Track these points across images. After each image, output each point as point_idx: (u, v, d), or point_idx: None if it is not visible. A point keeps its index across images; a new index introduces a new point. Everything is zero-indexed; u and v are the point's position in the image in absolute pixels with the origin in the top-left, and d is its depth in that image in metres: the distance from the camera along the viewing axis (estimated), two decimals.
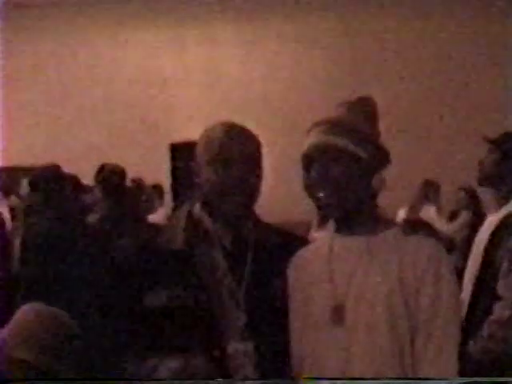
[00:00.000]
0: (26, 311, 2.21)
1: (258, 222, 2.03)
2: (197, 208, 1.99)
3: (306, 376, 1.80)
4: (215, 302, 1.85)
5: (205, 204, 1.96)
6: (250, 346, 1.83)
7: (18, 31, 9.62)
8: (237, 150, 1.89)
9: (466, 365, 1.73)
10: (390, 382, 1.68)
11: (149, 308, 1.85)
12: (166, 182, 9.12)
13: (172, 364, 1.78)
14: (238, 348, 1.82)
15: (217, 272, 1.89)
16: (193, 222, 1.96)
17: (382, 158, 1.82)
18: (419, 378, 1.68)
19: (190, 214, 1.99)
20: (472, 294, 3.06)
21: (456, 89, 9.07)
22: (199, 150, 1.95)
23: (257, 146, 1.96)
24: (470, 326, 2.88)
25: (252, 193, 1.93)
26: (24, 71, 9.73)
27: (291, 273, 1.90)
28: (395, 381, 1.68)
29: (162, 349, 1.83)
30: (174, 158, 9.64)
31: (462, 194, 6.79)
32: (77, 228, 4.03)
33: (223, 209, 1.89)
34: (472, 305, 3.03)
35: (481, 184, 3.32)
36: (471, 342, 2.86)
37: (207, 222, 1.94)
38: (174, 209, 7.52)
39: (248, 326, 1.85)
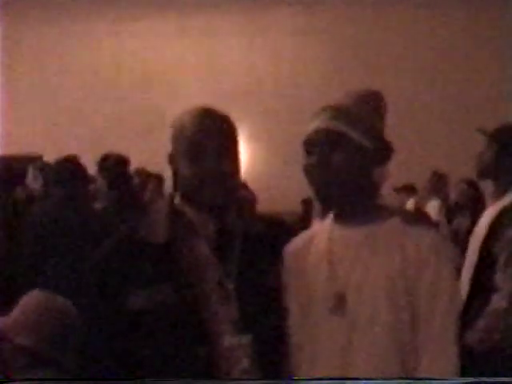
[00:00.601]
0: (30, 298, 2.22)
1: (242, 211, 1.95)
2: (177, 198, 1.90)
3: (302, 377, 1.79)
4: (202, 298, 1.77)
5: (185, 194, 1.87)
6: (244, 339, 1.76)
7: (21, 20, 9.61)
8: (210, 139, 1.80)
9: (463, 356, 1.73)
10: (389, 382, 1.68)
11: (132, 310, 1.74)
12: (167, 172, 9.11)
13: None
14: (233, 342, 1.75)
15: (203, 265, 1.80)
16: (175, 213, 1.86)
17: (385, 150, 1.82)
18: (419, 378, 1.68)
19: (171, 205, 1.89)
20: (470, 285, 3.07)
21: (459, 81, 9.05)
22: (173, 140, 1.87)
23: (232, 133, 1.86)
24: (467, 316, 2.89)
25: (230, 182, 1.83)
26: (26, 59, 9.73)
27: (287, 260, 1.88)
28: (395, 381, 1.67)
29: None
30: None
31: (464, 186, 6.77)
32: (85, 216, 4.03)
33: (202, 199, 1.80)
34: (470, 296, 3.04)
35: (480, 176, 3.33)
36: (469, 333, 2.88)
37: (189, 212, 1.85)
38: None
39: (241, 318, 1.77)
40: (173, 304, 1.74)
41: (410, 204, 7.05)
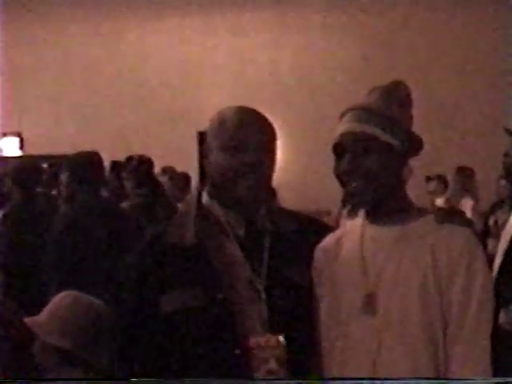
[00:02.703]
0: (61, 299, 2.23)
1: (271, 208, 1.93)
2: (205, 196, 1.89)
3: (314, 376, 1.79)
4: (233, 298, 1.76)
5: (214, 191, 1.86)
6: (273, 338, 1.74)
7: (42, 16, 9.69)
8: (251, 135, 1.81)
9: (496, 337, 1.71)
10: (409, 383, 1.66)
11: (165, 313, 1.75)
12: (194, 170, 9.13)
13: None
14: (261, 342, 1.74)
15: (233, 264, 1.80)
16: (202, 213, 1.86)
17: (413, 144, 1.81)
18: (448, 379, 1.66)
19: (199, 205, 1.88)
20: (502, 263, 3.06)
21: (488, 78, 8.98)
22: (211, 133, 1.86)
23: (271, 132, 1.88)
24: (500, 297, 2.88)
25: (265, 179, 1.84)
26: (47, 57, 9.79)
27: (318, 258, 1.87)
28: (416, 381, 1.66)
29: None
30: (201, 146, 9.64)
31: (503, 182, 6.63)
32: (112, 217, 4.06)
33: (235, 194, 1.79)
34: (502, 273, 3.03)
35: (507, 177, 3.32)
36: (502, 313, 2.85)
37: (218, 210, 1.84)
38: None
39: (270, 317, 1.76)
40: (204, 306, 1.74)
41: (440, 202, 6.97)
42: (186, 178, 7.59)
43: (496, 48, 9.03)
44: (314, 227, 1.98)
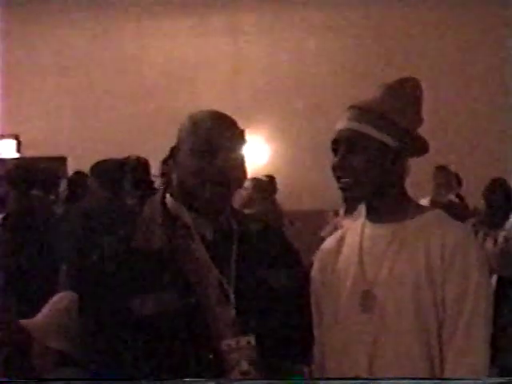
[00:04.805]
0: (58, 300, 2.23)
1: (234, 211, 1.95)
2: (170, 200, 1.89)
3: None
4: (203, 301, 1.77)
5: (180, 194, 1.86)
6: (243, 340, 1.75)
7: (40, 19, 9.69)
8: (222, 139, 1.82)
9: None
10: (402, 382, 1.66)
11: (137, 317, 1.74)
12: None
13: None
14: (231, 344, 1.74)
15: (201, 267, 1.80)
16: (169, 216, 1.85)
17: (416, 146, 1.82)
18: (443, 379, 1.66)
19: (163, 207, 1.88)
20: None
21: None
22: (182, 134, 1.88)
23: (241, 137, 1.89)
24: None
25: (234, 184, 1.85)
26: (45, 60, 9.78)
27: (320, 258, 1.89)
28: (409, 381, 1.65)
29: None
30: None
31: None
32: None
33: (202, 197, 1.80)
34: None
35: None
36: None
37: (184, 213, 1.84)
38: None
39: (240, 319, 1.77)
40: (176, 310, 1.74)
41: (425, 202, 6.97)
42: None
43: (497, 48, 9.02)
44: (274, 230, 2.00)
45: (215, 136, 1.82)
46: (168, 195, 1.90)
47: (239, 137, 1.88)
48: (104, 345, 1.79)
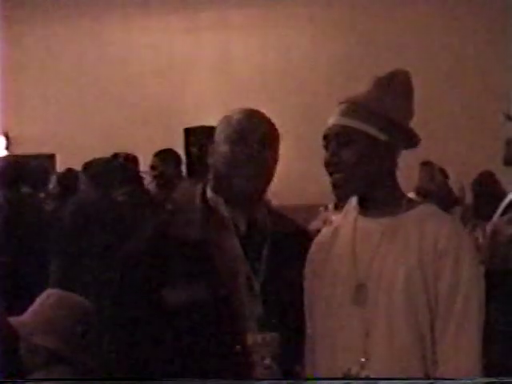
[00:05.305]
0: (46, 298, 2.22)
1: (271, 208, 2.00)
2: (209, 192, 1.93)
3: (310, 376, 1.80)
4: (233, 294, 1.80)
5: (217, 184, 1.90)
6: (268, 336, 1.78)
7: (27, 17, 9.64)
8: (255, 130, 1.88)
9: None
10: (398, 383, 1.66)
11: (168, 305, 1.78)
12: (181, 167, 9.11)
13: None
14: (257, 339, 1.78)
15: (234, 261, 1.84)
16: (207, 208, 1.89)
17: (407, 140, 1.82)
18: (435, 379, 1.66)
19: (203, 199, 1.92)
20: None
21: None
22: (218, 129, 1.93)
23: (274, 132, 1.95)
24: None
25: (265, 173, 1.89)
26: (34, 56, 9.75)
27: (313, 251, 1.89)
28: (405, 381, 1.66)
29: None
30: (187, 143, 9.64)
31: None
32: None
33: (233, 184, 1.84)
34: None
35: (507, 163, 3.33)
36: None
37: (221, 205, 1.88)
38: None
39: (266, 315, 1.81)
40: (206, 302, 1.78)
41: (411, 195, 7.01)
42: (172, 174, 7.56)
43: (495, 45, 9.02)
44: (307, 232, 2.05)
45: (246, 126, 1.88)
46: (208, 188, 1.93)
47: (271, 131, 1.93)
48: (129, 337, 1.82)
